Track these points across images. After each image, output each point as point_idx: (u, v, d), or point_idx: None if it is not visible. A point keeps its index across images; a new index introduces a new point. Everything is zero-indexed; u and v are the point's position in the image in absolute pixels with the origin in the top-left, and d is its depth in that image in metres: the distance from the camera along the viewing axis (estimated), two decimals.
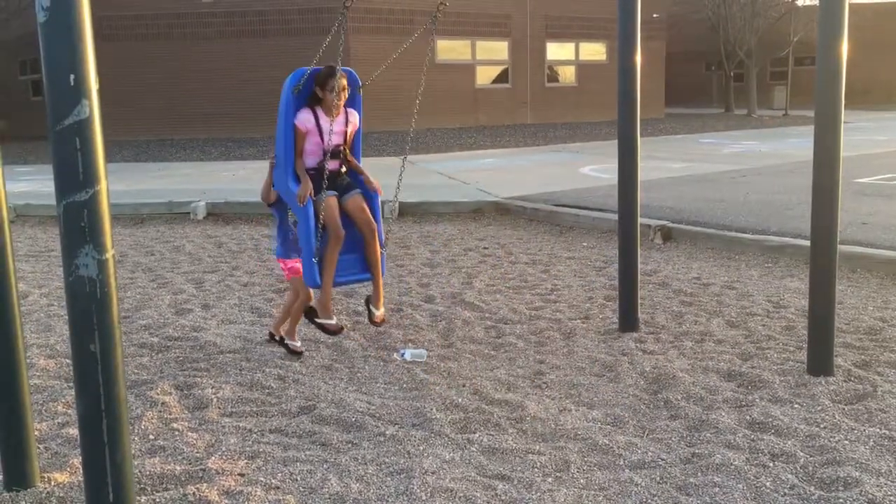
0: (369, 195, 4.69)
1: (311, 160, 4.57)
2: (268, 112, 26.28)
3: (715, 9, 34.32)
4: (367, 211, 4.62)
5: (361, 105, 4.83)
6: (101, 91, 2.48)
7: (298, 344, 4.99)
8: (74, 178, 2.41)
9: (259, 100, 23.26)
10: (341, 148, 4.65)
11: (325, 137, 4.49)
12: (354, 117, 4.72)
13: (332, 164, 4.56)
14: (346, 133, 4.66)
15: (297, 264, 4.84)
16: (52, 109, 2.40)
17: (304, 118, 4.51)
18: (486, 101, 26.91)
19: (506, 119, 27.02)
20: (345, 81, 4.52)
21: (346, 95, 4.57)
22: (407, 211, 10.23)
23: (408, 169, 5.20)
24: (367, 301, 4.81)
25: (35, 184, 13.20)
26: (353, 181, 4.71)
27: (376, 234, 4.64)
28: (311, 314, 4.68)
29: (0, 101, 26.61)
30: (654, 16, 28.92)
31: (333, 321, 4.70)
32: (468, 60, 26.45)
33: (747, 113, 32.76)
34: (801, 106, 33.17)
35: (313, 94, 4.54)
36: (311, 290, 4.82)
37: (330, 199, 4.47)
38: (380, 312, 4.76)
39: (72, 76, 2.37)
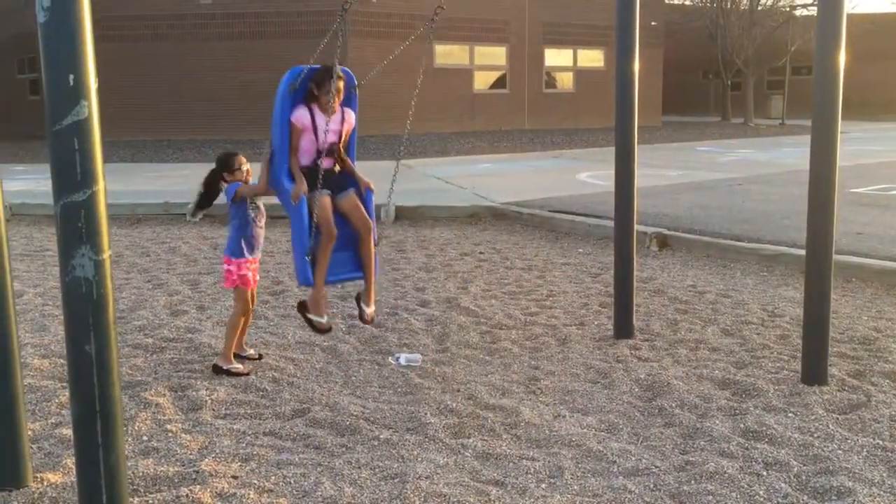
0: (363, 194, 4.60)
1: (305, 158, 4.48)
2: (266, 114, 26.24)
3: (713, 17, 34.44)
4: (363, 209, 4.53)
5: (357, 105, 4.78)
6: (99, 91, 2.48)
7: (240, 366, 4.67)
8: (72, 178, 2.40)
9: (257, 102, 23.21)
10: (336, 147, 4.57)
11: (321, 135, 4.42)
12: (351, 116, 4.63)
13: (326, 163, 4.49)
14: (341, 132, 4.59)
15: (247, 271, 4.65)
16: (50, 109, 2.39)
17: (300, 115, 4.42)
18: (484, 107, 26.94)
19: (503, 124, 27.05)
20: (341, 83, 4.45)
21: (343, 96, 4.51)
22: (403, 215, 10.23)
23: (405, 173, 5.20)
24: (358, 299, 4.68)
25: (31, 183, 13.18)
26: (346, 181, 4.61)
27: (372, 231, 4.55)
28: (302, 308, 4.55)
29: None
30: (653, 24, 28.99)
31: (324, 319, 4.56)
32: (466, 65, 26.49)
33: (744, 122, 32.84)
34: (797, 115, 33.28)
35: (310, 92, 4.47)
36: (249, 300, 4.75)
37: (324, 198, 4.38)
38: (370, 310, 4.63)
39: (71, 76, 2.37)
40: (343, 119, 4.59)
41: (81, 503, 2.65)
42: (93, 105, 2.42)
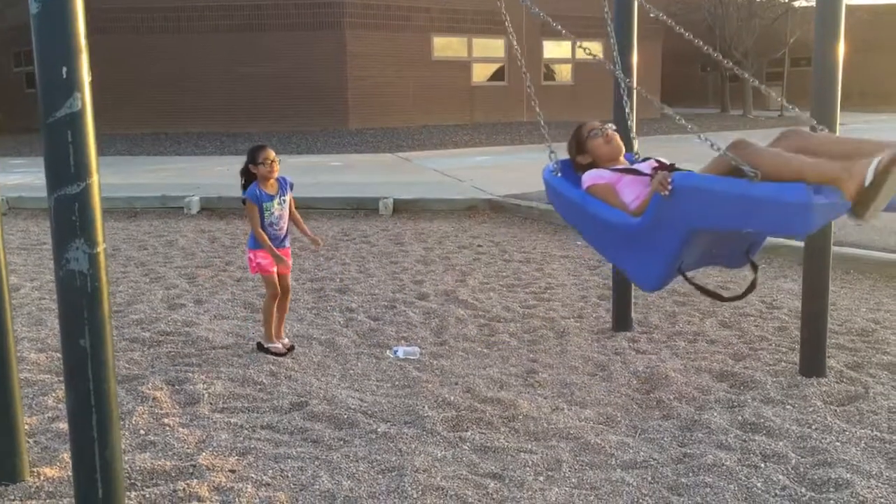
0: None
1: (643, 195, 3.47)
2: (262, 107, 25.99)
3: (711, 9, 34.33)
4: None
5: None
6: (95, 84, 2.46)
7: (279, 345, 4.88)
8: (66, 171, 2.39)
9: (254, 94, 23.22)
10: (661, 164, 3.55)
11: (638, 166, 3.60)
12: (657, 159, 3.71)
13: (653, 164, 3.56)
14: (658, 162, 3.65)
15: (263, 260, 4.78)
16: (43, 102, 2.38)
17: (595, 176, 3.60)
18: (482, 99, 26.89)
19: (501, 117, 27.00)
20: (596, 122, 3.83)
21: (612, 133, 3.78)
22: (402, 208, 10.22)
23: (403, 166, 5.16)
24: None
25: (28, 176, 13.15)
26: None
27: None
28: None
29: None
30: (651, 15, 28.92)
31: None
32: (464, 58, 26.42)
33: (743, 113, 32.80)
34: (796, 107, 33.16)
35: (582, 165, 3.80)
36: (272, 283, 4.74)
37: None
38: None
39: (64, 68, 2.35)
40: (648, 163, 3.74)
41: (77, 498, 2.64)
42: (86, 97, 2.40)
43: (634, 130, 4.20)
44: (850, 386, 4.24)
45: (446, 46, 25.51)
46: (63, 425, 3.72)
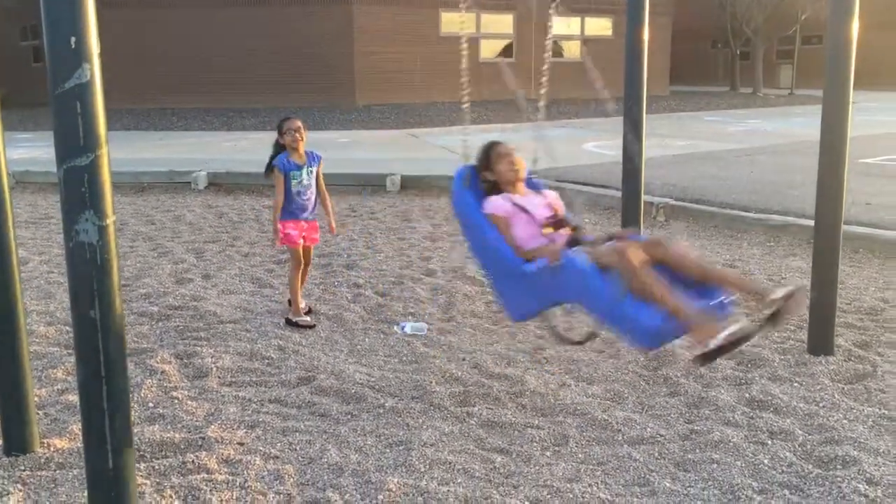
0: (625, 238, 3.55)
1: (533, 243, 3.65)
2: (269, 82, 25.77)
3: None
4: (640, 241, 3.46)
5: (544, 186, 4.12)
6: (102, 58, 2.44)
7: (307, 318, 5.00)
8: (75, 142, 2.37)
9: (262, 69, 23.11)
10: (561, 221, 3.76)
11: (534, 210, 3.73)
12: (550, 194, 3.97)
13: (561, 237, 3.66)
14: (551, 206, 3.86)
15: (291, 231, 4.94)
16: (52, 73, 2.36)
17: (496, 204, 3.77)
18: (491, 76, 26.71)
19: (510, 94, 26.83)
20: (509, 146, 3.91)
21: (518, 159, 3.89)
22: (409, 184, 10.19)
23: (410, 142, 5.13)
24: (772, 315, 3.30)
25: (35, 150, 13.15)
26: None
27: (672, 244, 3.45)
28: (706, 357, 3.03)
29: (0, 67, 26.38)
30: None
31: (738, 326, 3.10)
32: (472, 34, 26.22)
33: (753, 91, 32.53)
34: (807, 85, 32.93)
35: (489, 184, 3.92)
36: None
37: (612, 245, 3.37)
38: (786, 290, 3.29)
39: (73, 39, 2.33)
40: (543, 196, 3.94)
41: (88, 469, 2.65)
42: (95, 68, 2.38)
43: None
44: (858, 364, 4.23)
45: (454, 22, 25.31)
46: (72, 397, 3.74)
